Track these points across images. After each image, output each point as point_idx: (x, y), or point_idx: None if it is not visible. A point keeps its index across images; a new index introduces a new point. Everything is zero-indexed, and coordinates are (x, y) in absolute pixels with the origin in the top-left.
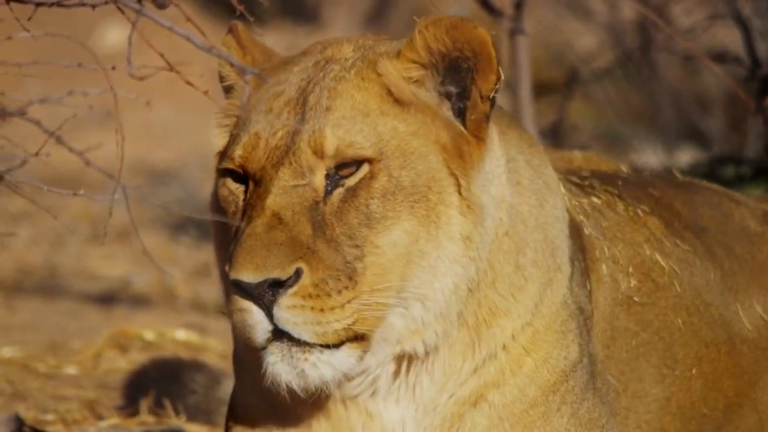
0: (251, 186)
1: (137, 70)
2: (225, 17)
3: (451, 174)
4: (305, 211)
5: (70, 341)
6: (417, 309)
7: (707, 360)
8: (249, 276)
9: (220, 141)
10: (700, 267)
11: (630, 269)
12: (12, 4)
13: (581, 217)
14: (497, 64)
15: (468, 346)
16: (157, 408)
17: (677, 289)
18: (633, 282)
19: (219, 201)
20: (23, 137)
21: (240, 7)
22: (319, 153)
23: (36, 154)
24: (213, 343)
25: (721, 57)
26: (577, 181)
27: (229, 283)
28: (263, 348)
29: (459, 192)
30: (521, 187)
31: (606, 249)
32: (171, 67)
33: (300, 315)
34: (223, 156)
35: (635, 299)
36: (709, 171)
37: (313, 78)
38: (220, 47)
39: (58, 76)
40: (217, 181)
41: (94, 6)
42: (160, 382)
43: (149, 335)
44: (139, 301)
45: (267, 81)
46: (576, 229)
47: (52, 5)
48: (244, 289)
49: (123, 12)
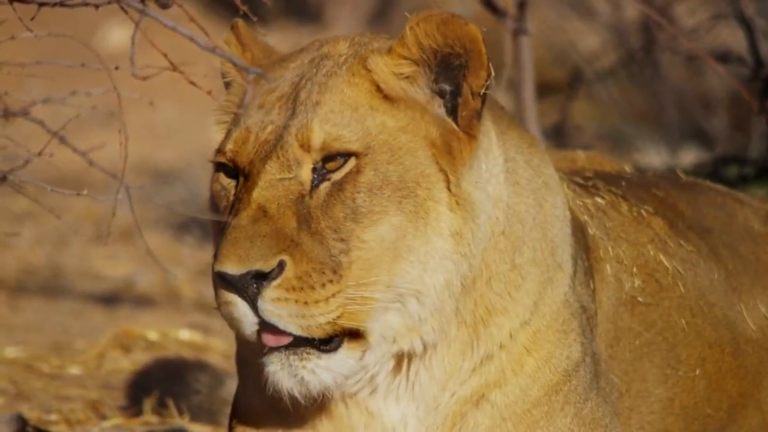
0: (241, 180)
1: (140, 70)
2: (228, 17)
3: (441, 170)
4: (291, 204)
5: (73, 341)
6: (413, 305)
7: (711, 360)
8: (232, 268)
9: (218, 137)
10: (704, 267)
11: (634, 269)
12: (15, 4)
13: (585, 217)
14: (488, 60)
15: (467, 344)
16: (161, 408)
17: (681, 290)
18: (637, 282)
19: (213, 196)
20: (26, 137)
21: (243, 7)
22: (306, 146)
23: (39, 154)
24: (216, 343)
25: (725, 57)
26: (581, 182)
27: (214, 276)
28: (255, 341)
29: (448, 188)
30: (519, 187)
31: (610, 249)
32: (174, 67)
33: (284, 308)
34: (218, 152)
35: (639, 299)
36: (713, 171)
37: (306, 74)
38: (223, 47)
39: (61, 76)
40: (212, 177)
41: (97, 6)
42: (163, 382)
43: (153, 335)
44: (143, 301)
45: (269, 80)
46: (580, 229)
47: (55, 5)
48: (228, 282)
49: (126, 12)
